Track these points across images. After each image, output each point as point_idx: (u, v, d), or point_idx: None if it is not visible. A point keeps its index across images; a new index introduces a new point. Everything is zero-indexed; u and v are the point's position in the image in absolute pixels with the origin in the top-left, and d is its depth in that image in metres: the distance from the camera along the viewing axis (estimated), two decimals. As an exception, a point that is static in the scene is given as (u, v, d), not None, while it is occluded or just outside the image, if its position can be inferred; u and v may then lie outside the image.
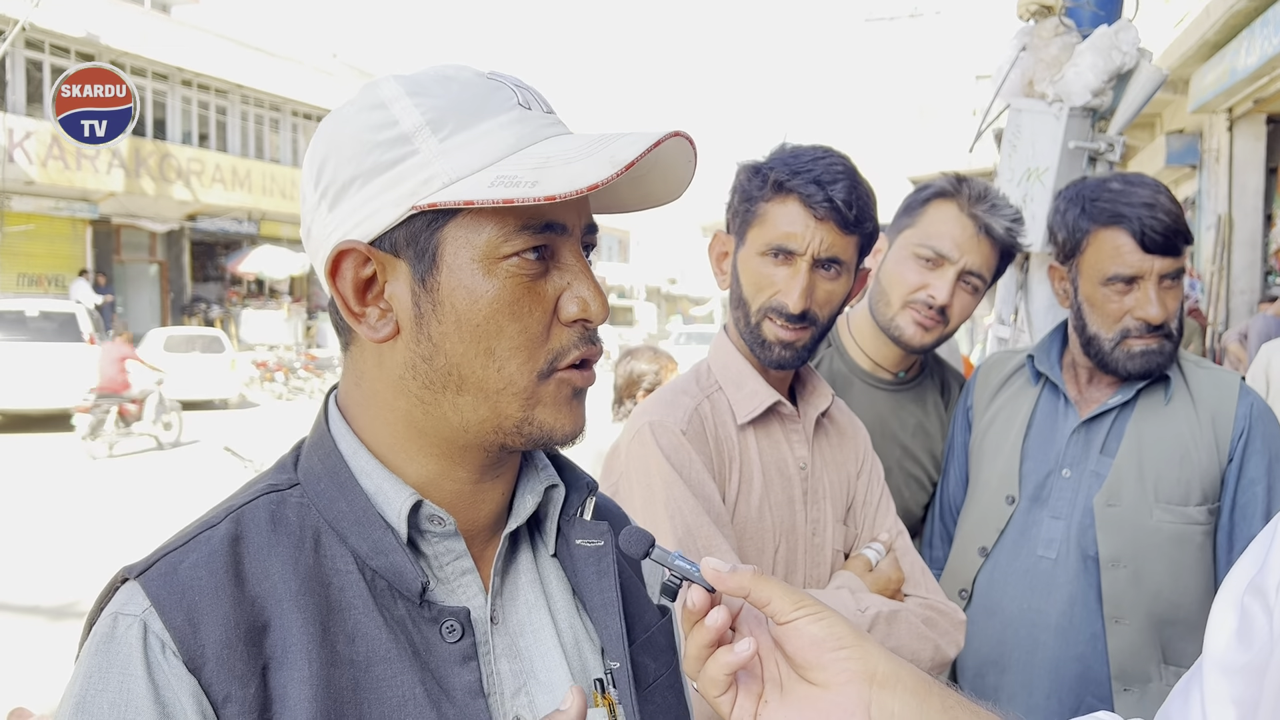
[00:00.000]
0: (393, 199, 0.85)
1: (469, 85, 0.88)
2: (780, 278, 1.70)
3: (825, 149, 1.75)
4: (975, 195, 2.13)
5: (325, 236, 0.89)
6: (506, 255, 0.85)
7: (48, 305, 16.09)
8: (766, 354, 1.73)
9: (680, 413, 1.69)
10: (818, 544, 1.79)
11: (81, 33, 20.89)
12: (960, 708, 0.86)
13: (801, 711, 0.84)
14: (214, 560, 0.83)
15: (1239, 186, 11.74)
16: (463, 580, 0.92)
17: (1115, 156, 2.93)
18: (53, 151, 20.45)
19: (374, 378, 0.91)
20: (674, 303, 51.35)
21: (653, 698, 0.98)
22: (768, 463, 1.75)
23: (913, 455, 2.30)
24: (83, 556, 7.91)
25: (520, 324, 0.86)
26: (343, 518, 0.88)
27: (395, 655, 0.84)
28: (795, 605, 0.84)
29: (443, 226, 0.85)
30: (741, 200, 1.77)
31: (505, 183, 0.82)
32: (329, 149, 0.88)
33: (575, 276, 0.89)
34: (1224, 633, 0.93)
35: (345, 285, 0.88)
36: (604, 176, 0.80)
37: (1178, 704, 0.98)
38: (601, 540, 0.98)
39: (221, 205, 25.56)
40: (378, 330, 0.88)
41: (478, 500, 0.94)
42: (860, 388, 2.25)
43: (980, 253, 2.12)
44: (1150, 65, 2.84)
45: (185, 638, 0.79)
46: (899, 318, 2.15)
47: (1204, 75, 10.75)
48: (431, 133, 0.85)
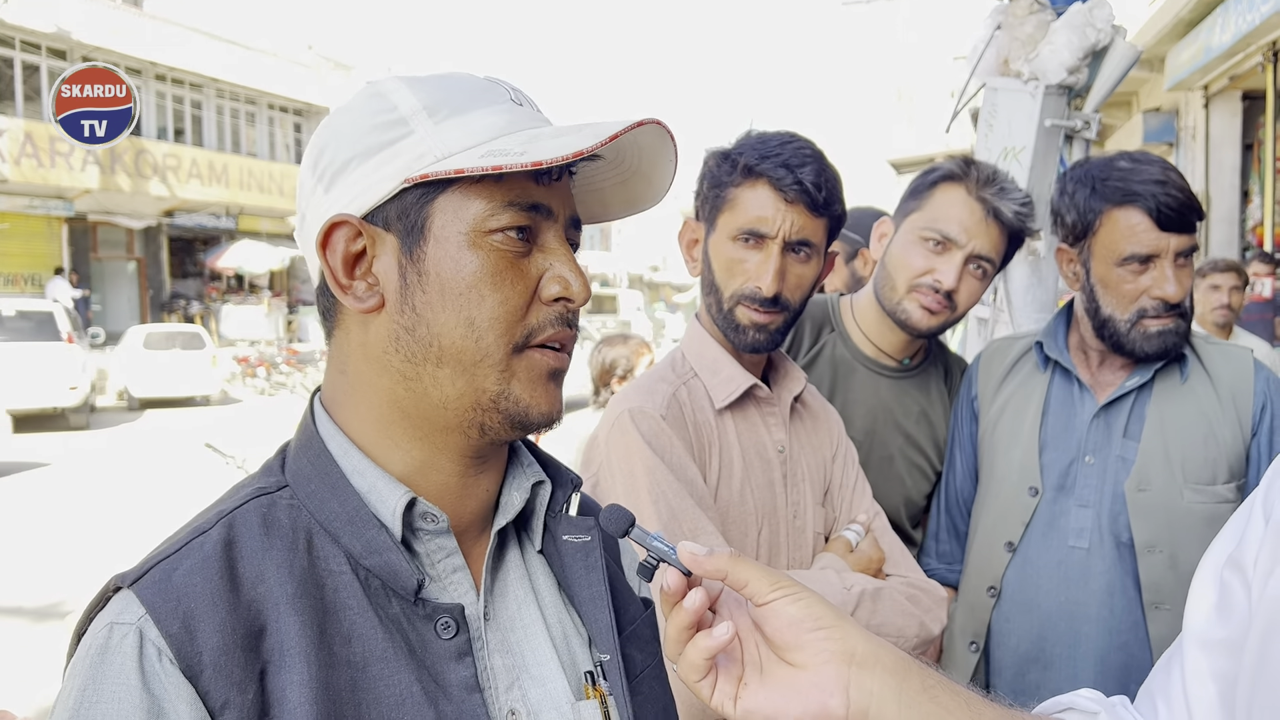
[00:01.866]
0: (387, 174, 0.88)
1: (465, 80, 0.93)
2: (752, 262, 1.71)
3: (792, 134, 1.76)
4: (984, 179, 2.10)
5: (319, 217, 0.91)
6: (492, 230, 0.88)
7: (24, 304, 15.93)
8: (740, 338, 1.73)
9: (659, 398, 1.70)
10: (799, 526, 1.80)
11: (52, 28, 20.67)
12: (940, 687, 0.86)
13: (781, 692, 0.85)
14: (208, 566, 0.83)
15: (1215, 163, 11.79)
16: (454, 577, 0.93)
17: (1091, 134, 2.93)
18: (26, 149, 20.24)
19: (359, 359, 0.93)
20: (656, 290, 51.38)
21: (640, 688, 1.00)
22: (747, 446, 1.76)
23: (916, 444, 2.28)
24: (62, 559, 7.86)
25: (501, 295, 0.89)
26: (335, 518, 0.89)
27: (391, 654, 0.85)
28: (773, 586, 0.85)
29: (433, 200, 0.88)
30: (711, 186, 1.77)
31: (495, 154, 0.85)
32: (330, 136, 0.92)
33: (558, 258, 0.92)
34: (1203, 607, 0.94)
35: (335, 257, 0.90)
36: (588, 145, 0.83)
37: (1159, 680, 0.98)
38: (589, 535, 1.00)
39: (199, 200, 25.37)
40: (363, 301, 0.90)
41: (465, 494, 0.95)
42: (863, 374, 2.24)
43: (989, 237, 2.09)
44: (1124, 42, 2.84)
45: (182, 645, 0.78)
46: (905, 302, 2.13)
47: (1179, 53, 10.78)
48: (427, 115, 0.89)
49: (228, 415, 17.18)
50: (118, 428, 15.78)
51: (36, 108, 21.42)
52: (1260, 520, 0.89)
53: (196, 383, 18.11)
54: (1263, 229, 10.74)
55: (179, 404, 18.09)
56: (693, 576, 0.86)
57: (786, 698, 0.84)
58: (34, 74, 21.57)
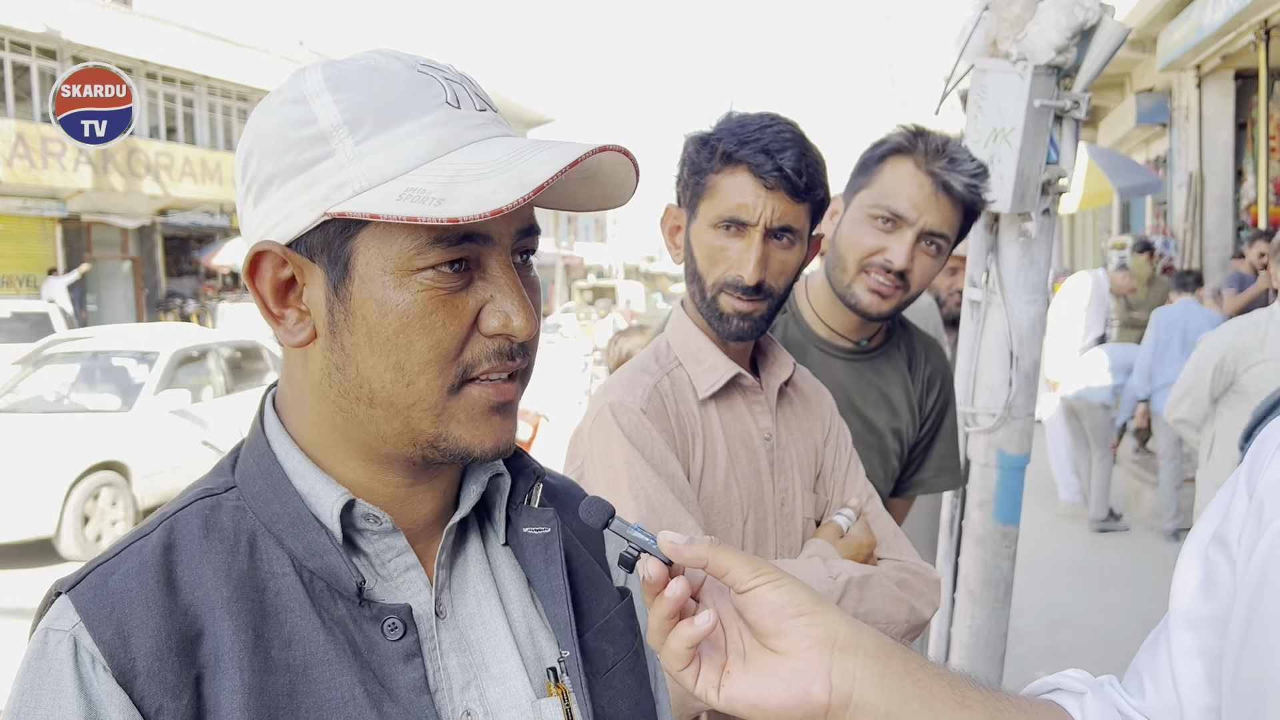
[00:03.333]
0: (308, 202, 0.83)
1: (395, 79, 0.85)
2: (734, 250, 1.68)
3: (772, 116, 1.71)
4: (933, 150, 2.04)
5: (250, 231, 0.88)
6: (420, 268, 0.82)
7: (19, 306, 15.90)
8: (724, 327, 1.71)
9: (639, 391, 1.68)
10: (787, 514, 1.78)
11: (41, 28, 20.58)
12: (923, 670, 0.86)
13: (764, 679, 0.84)
14: (144, 570, 0.82)
15: (1209, 143, 11.79)
16: (406, 576, 0.91)
17: (1081, 114, 2.92)
18: (18, 150, 20.17)
19: (300, 379, 0.90)
20: (653, 280, 51.38)
21: (611, 683, 0.98)
22: (731, 436, 1.74)
23: (873, 427, 2.22)
24: (61, 557, 7.85)
25: (431, 338, 0.83)
26: (278, 519, 0.87)
27: (334, 657, 0.83)
28: (754, 573, 0.84)
29: (355, 235, 0.83)
30: (690, 173, 1.74)
31: (413, 197, 0.79)
32: (254, 142, 0.87)
33: (500, 289, 0.86)
34: (1189, 585, 0.93)
35: (264, 285, 0.87)
36: (509, 200, 0.77)
37: (1146, 658, 0.98)
38: (548, 527, 0.97)
39: (192, 199, 25.32)
40: (294, 334, 0.87)
41: (414, 501, 0.93)
42: (816, 355, 2.19)
43: (940, 212, 2.03)
44: (1113, 20, 2.83)
45: (115, 651, 0.78)
46: (855, 284, 2.08)
47: (1171, 33, 10.77)
48: (349, 133, 0.82)
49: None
50: (116, 427, 15.75)
51: (28, 108, 21.35)
52: (1244, 496, 0.89)
53: (193, 381, 18.07)
54: (1257, 208, 10.75)
55: (176, 403, 18.05)
56: (674, 566, 0.85)
57: (769, 684, 0.84)
58: (24, 74, 21.50)
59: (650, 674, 1.06)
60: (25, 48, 21.24)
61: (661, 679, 1.11)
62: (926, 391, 2.32)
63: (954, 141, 2.09)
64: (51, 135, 20.30)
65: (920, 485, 2.37)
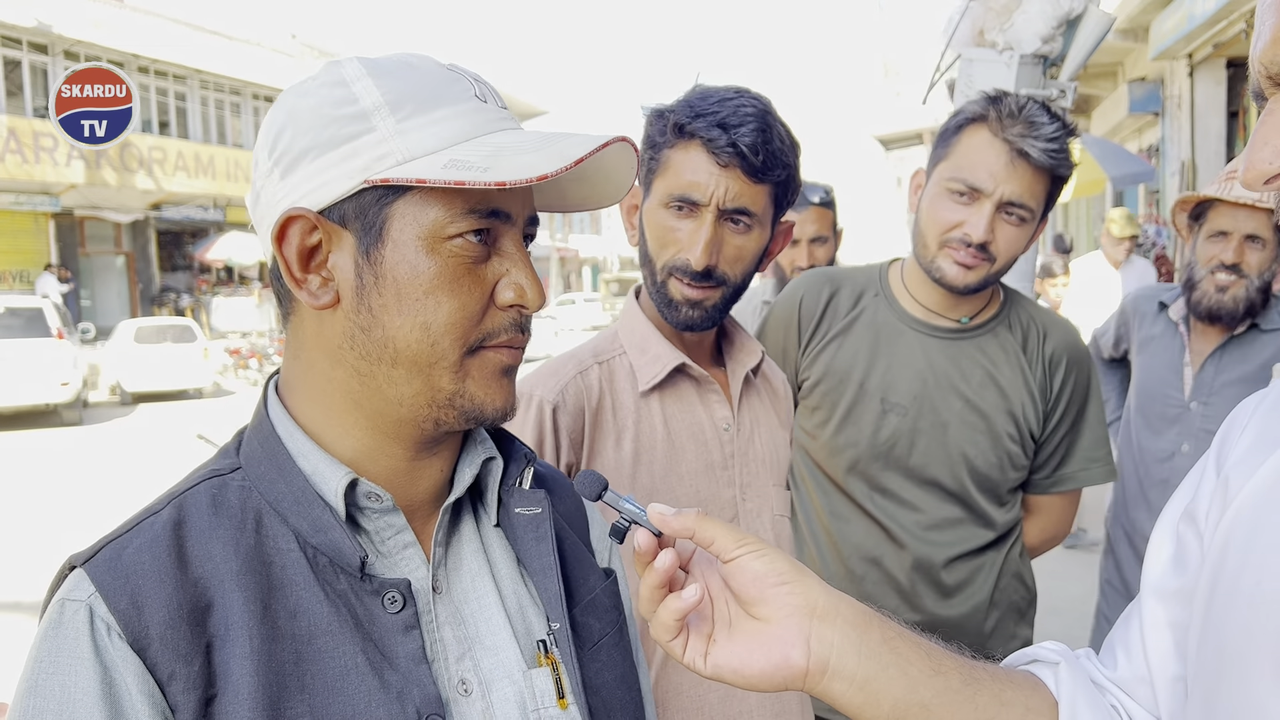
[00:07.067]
0: (346, 171, 0.87)
1: (429, 73, 0.91)
2: (684, 231, 1.57)
3: (738, 90, 1.59)
4: (1008, 115, 1.93)
5: (275, 203, 0.91)
6: (451, 236, 0.88)
7: (13, 301, 15.88)
8: (674, 315, 1.60)
9: (555, 383, 1.59)
10: (750, 509, 1.68)
11: (32, 23, 20.52)
12: (901, 638, 0.89)
13: (746, 646, 0.88)
14: (156, 545, 0.85)
15: (1201, 132, 11.81)
16: (405, 553, 0.95)
17: (1068, 102, 2.95)
18: (9, 145, 20.13)
19: (312, 347, 0.94)
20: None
21: (598, 656, 1.02)
22: (677, 428, 1.64)
23: (978, 409, 2.08)
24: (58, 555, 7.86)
25: (458, 301, 0.89)
26: (283, 498, 0.91)
27: (337, 628, 0.87)
28: (738, 543, 0.89)
29: (392, 203, 0.88)
30: (646, 148, 1.63)
31: (458, 166, 0.85)
32: (287, 119, 0.91)
33: (514, 264, 0.93)
34: (1161, 560, 0.96)
35: (290, 251, 0.90)
36: (554, 168, 0.84)
37: (1120, 632, 1.01)
38: (539, 508, 1.02)
39: (186, 193, 25.27)
40: (318, 297, 0.90)
41: (414, 477, 0.97)
42: (911, 337, 2.11)
43: (1018, 180, 1.92)
44: (1098, 10, 2.86)
45: (130, 620, 0.81)
46: (938, 259, 2.01)
47: (1163, 21, 10.79)
48: (390, 112, 0.88)
49: (220, 407, 17.16)
50: (111, 422, 15.76)
51: (19, 103, 21.29)
52: (1213, 474, 0.92)
53: (189, 376, 18.08)
54: (1249, 196, 10.74)
55: (172, 397, 18.03)
56: (663, 537, 0.89)
57: (751, 650, 0.87)
58: (15, 69, 21.44)
59: (633, 650, 1.11)
60: (16, 42, 21.17)
61: (642, 661, 1.16)
62: (1050, 373, 2.15)
63: (1034, 104, 1.97)
64: (44, 130, 20.25)
65: (1069, 480, 2.20)
